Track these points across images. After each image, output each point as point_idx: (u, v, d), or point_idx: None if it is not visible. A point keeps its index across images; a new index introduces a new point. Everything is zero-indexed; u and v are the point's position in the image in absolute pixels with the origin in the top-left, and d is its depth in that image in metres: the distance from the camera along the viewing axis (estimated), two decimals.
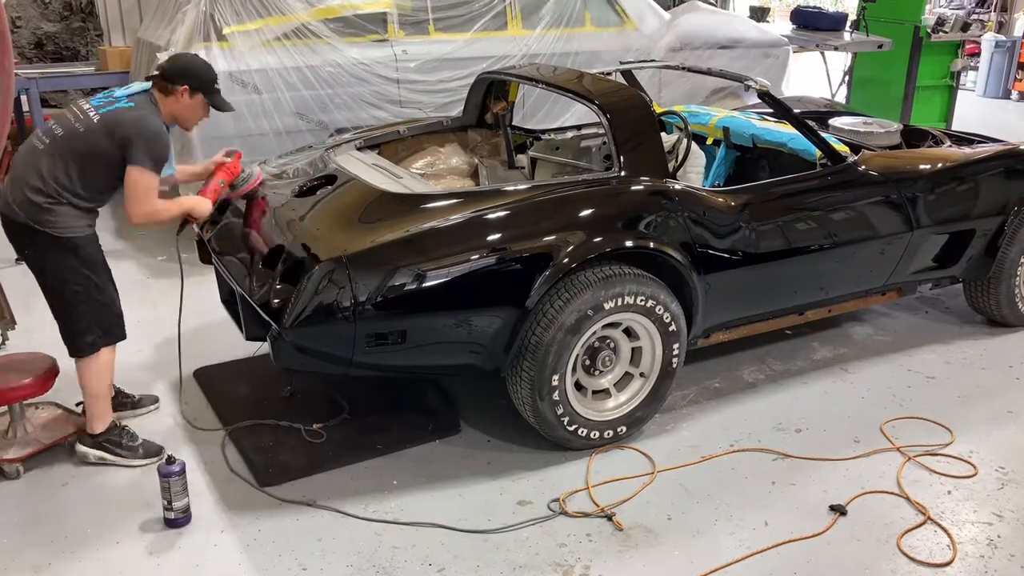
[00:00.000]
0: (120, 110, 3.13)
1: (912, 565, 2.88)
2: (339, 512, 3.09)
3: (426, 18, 6.02)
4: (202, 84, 3.29)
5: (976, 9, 12.74)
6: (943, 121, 8.55)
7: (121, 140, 3.07)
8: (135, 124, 3.09)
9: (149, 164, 3.09)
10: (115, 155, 3.08)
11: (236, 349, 3.99)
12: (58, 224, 3.10)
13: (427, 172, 4.28)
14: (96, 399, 3.31)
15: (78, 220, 3.15)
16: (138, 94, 3.22)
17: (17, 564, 2.85)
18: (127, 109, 3.14)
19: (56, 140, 3.13)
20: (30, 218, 3.09)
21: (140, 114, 3.13)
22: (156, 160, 3.11)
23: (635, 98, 3.75)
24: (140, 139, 3.07)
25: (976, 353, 4.36)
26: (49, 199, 3.08)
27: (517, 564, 2.86)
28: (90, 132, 3.10)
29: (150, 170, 3.09)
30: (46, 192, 3.08)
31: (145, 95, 3.23)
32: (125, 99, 3.18)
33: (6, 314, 4.18)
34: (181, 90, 3.23)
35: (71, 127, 3.13)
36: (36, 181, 3.08)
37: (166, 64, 3.30)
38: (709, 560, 2.88)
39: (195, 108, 3.31)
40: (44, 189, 3.08)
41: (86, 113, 3.15)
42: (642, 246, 3.35)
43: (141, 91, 3.24)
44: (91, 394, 3.31)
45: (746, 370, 4.14)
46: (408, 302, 3.08)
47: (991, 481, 3.33)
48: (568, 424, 3.36)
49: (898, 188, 4.02)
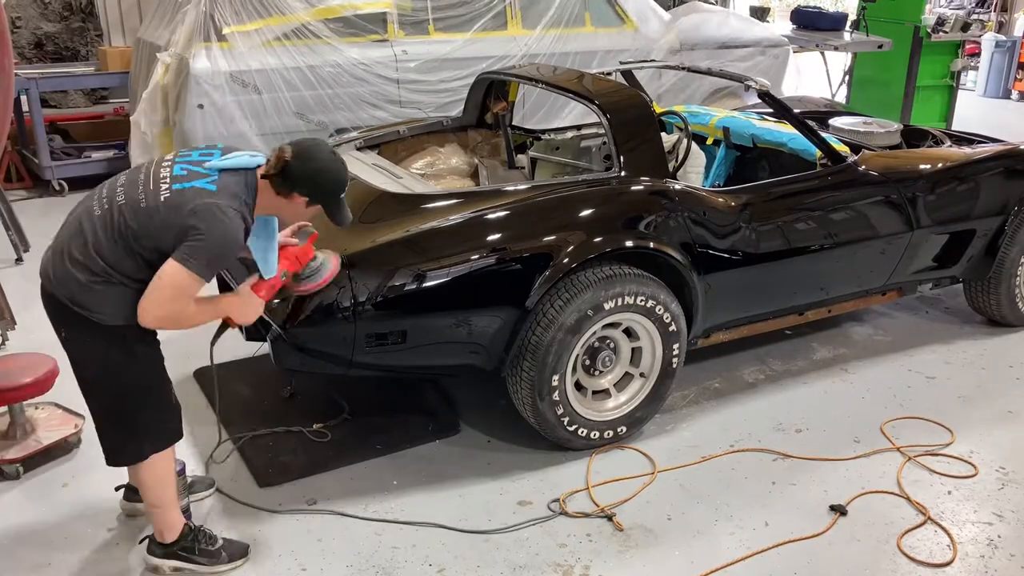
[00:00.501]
0: (194, 191, 2.42)
1: (912, 565, 2.88)
2: (339, 512, 3.09)
3: (426, 18, 6.03)
4: (327, 199, 2.59)
5: (976, 9, 12.73)
6: (943, 121, 8.54)
7: (180, 229, 2.39)
8: (204, 215, 2.39)
9: (199, 269, 2.40)
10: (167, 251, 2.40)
11: (236, 349, 3.99)
12: (103, 309, 2.46)
13: (427, 172, 4.28)
14: (158, 506, 2.73)
15: (130, 305, 2.45)
16: (234, 172, 2.50)
17: (17, 564, 2.85)
18: (204, 192, 2.42)
19: (116, 209, 2.46)
20: (67, 297, 2.46)
21: (217, 204, 2.40)
22: (211, 267, 2.44)
23: (635, 98, 3.75)
24: (203, 236, 2.38)
25: (976, 353, 4.36)
26: (94, 277, 2.43)
27: (517, 564, 2.86)
28: (154, 214, 2.42)
29: (198, 275, 2.40)
30: (90, 268, 2.43)
31: (242, 176, 2.51)
32: (216, 174, 2.47)
33: (6, 314, 4.18)
34: (300, 199, 2.55)
35: (135, 199, 2.45)
36: (78, 253, 2.44)
37: (292, 160, 2.48)
38: (709, 560, 2.88)
39: (304, 214, 2.64)
40: (88, 264, 2.43)
41: (158, 185, 2.46)
42: (642, 246, 3.35)
43: (241, 168, 2.52)
44: (152, 504, 2.74)
45: (746, 370, 4.14)
46: (408, 302, 3.08)
47: (991, 481, 3.33)
48: (568, 424, 3.36)
49: (898, 188, 4.02)
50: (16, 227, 5.43)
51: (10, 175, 6.97)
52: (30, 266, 5.30)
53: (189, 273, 2.39)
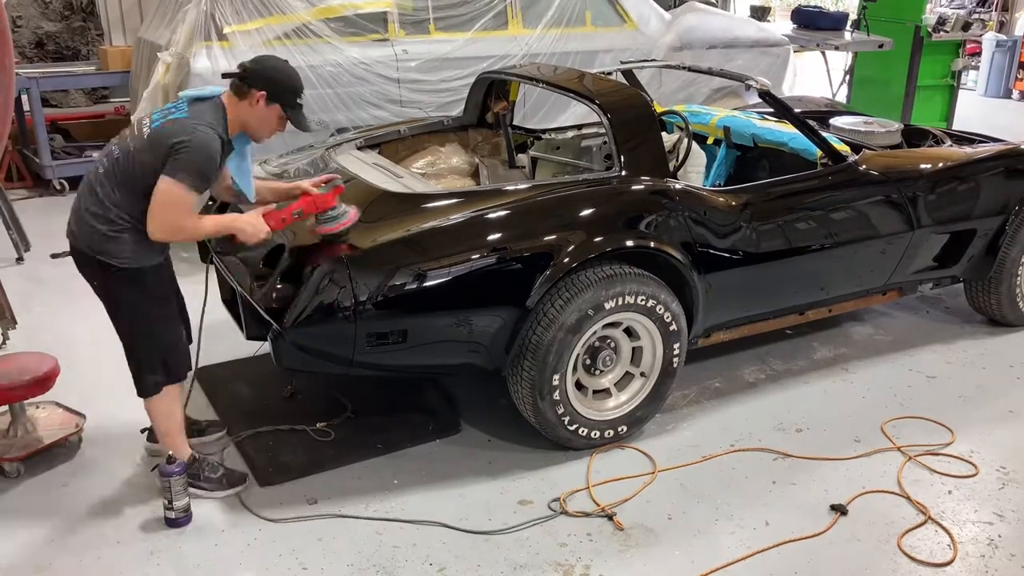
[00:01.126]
0: (170, 123, 2.80)
1: (913, 565, 2.88)
2: (340, 511, 3.09)
3: (427, 17, 6.02)
4: (283, 94, 2.90)
5: (977, 8, 12.72)
6: (944, 121, 8.54)
7: (164, 152, 2.75)
8: (180, 133, 2.75)
9: (188, 180, 2.74)
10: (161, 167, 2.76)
11: (237, 349, 3.99)
12: (121, 254, 2.85)
13: (428, 172, 4.28)
14: (167, 436, 3.13)
15: (143, 249, 2.87)
16: (202, 100, 2.88)
17: (18, 564, 2.85)
18: (178, 121, 2.79)
19: (114, 161, 2.85)
20: (92, 248, 2.86)
21: (191, 123, 2.78)
22: (198, 176, 2.76)
23: (636, 98, 3.75)
24: (183, 150, 2.73)
25: (977, 353, 4.36)
26: (112, 226, 2.82)
27: (518, 564, 2.86)
28: (139, 150, 2.81)
29: (188, 186, 2.74)
30: (107, 219, 2.82)
31: (210, 102, 2.88)
32: (186, 105, 2.85)
33: (6, 314, 4.18)
34: (258, 95, 2.87)
35: (126, 146, 2.86)
36: (96, 207, 2.84)
37: (248, 63, 2.93)
38: (710, 560, 2.88)
39: (269, 119, 2.93)
40: (105, 215, 2.82)
41: (141, 128, 2.87)
42: (643, 246, 3.35)
43: (208, 96, 2.90)
44: (161, 432, 3.14)
45: (747, 370, 4.14)
46: (409, 302, 3.08)
47: (992, 481, 3.33)
48: (569, 424, 3.36)
49: (899, 188, 4.02)
50: (17, 226, 5.43)
51: (11, 174, 6.98)
52: (31, 266, 5.30)
53: (178, 183, 2.73)
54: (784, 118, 4.19)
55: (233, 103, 2.90)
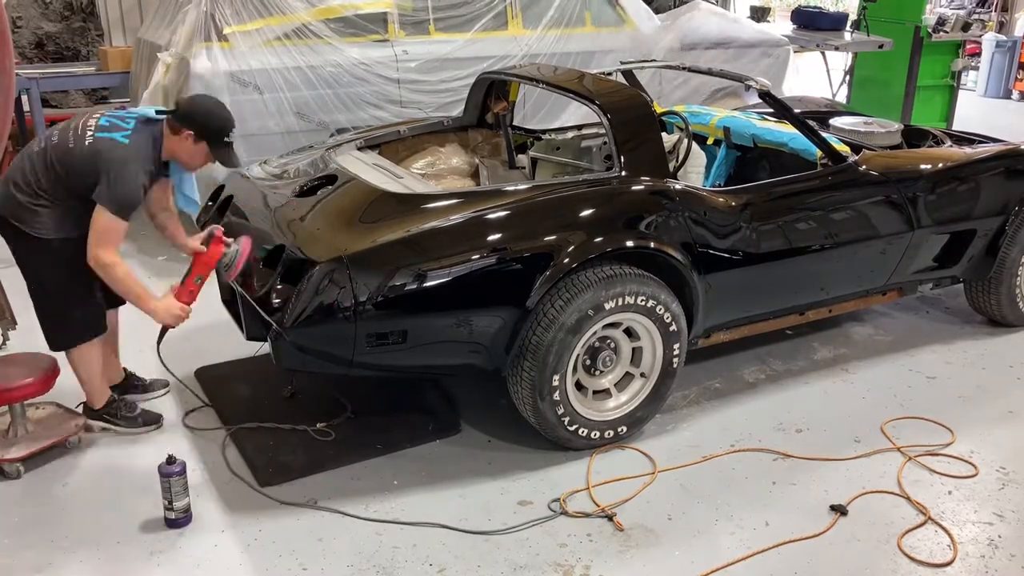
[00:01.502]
0: (110, 141, 3.08)
1: (913, 565, 2.88)
2: (340, 512, 3.09)
3: (427, 18, 6.01)
4: (208, 134, 3.17)
5: (977, 9, 12.72)
6: (944, 121, 8.54)
7: (95, 174, 3.04)
8: (111, 163, 3.03)
9: (111, 207, 3.04)
10: (91, 186, 3.06)
11: (237, 349, 3.99)
12: (36, 225, 3.12)
13: (427, 172, 4.28)
14: (86, 382, 3.43)
15: (59, 224, 3.14)
16: (146, 124, 3.16)
17: (17, 564, 2.85)
18: (117, 145, 3.07)
19: (49, 146, 3.13)
20: (11, 215, 3.13)
21: (125, 155, 3.06)
22: (119, 205, 3.05)
23: (636, 98, 3.75)
24: (108, 181, 3.02)
25: (977, 353, 4.36)
26: (32, 199, 3.11)
27: (518, 564, 2.86)
28: (78, 155, 3.08)
29: (113, 214, 3.04)
30: (27, 191, 3.11)
31: (154, 128, 3.17)
32: (132, 127, 3.12)
33: (7, 314, 4.18)
34: (187, 133, 3.14)
35: (65, 141, 3.12)
36: (21, 180, 3.12)
37: (183, 101, 3.23)
38: (710, 560, 2.88)
39: (197, 155, 3.21)
40: (25, 189, 3.11)
41: (85, 133, 3.11)
42: (643, 246, 3.35)
43: (156, 120, 3.18)
44: (82, 379, 3.43)
45: (746, 370, 4.14)
46: (409, 302, 3.08)
47: (992, 481, 3.33)
48: (569, 424, 3.36)
49: (899, 188, 4.02)
50: None
51: None
52: None
53: (105, 212, 3.03)
54: (784, 118, 4.19)
55: (168, 135, 3.17)
